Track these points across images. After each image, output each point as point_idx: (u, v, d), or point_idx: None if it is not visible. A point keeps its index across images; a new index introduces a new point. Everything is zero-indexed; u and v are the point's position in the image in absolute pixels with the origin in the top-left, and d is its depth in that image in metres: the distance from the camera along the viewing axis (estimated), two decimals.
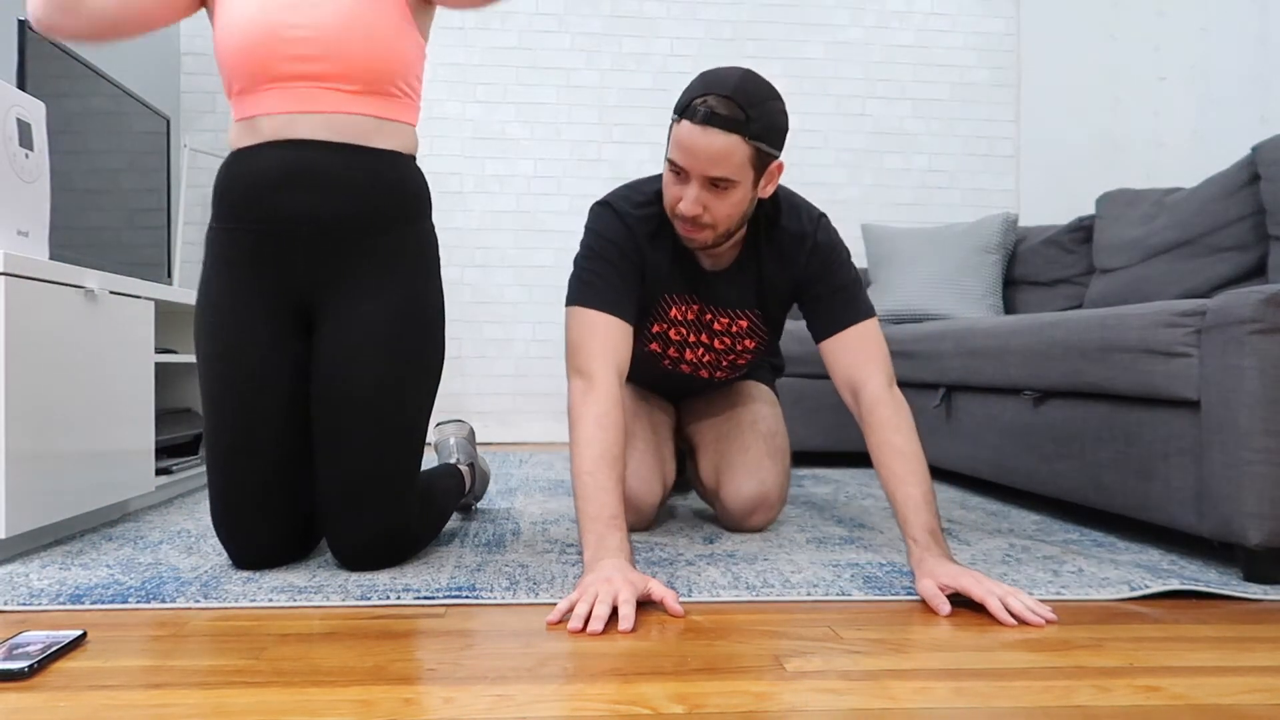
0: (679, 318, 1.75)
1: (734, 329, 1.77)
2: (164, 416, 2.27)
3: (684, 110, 1.43)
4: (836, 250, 1.64)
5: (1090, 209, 3.06)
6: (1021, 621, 1.20)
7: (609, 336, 1.50)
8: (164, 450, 2.20)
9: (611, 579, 1.21)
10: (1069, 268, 2.98)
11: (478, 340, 3.85)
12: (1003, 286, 3.21)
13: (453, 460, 1.93)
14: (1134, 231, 2.62)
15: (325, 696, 0.92)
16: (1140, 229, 2.60)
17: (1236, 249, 2.28)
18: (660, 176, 1.59)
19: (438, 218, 3.84)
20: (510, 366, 3.87)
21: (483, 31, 3.88)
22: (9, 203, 1.59)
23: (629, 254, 1.59)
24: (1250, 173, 2.26)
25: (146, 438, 1.95)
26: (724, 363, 1.84)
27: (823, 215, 1.67)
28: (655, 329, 1.78)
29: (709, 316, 1.75)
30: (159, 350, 2.14)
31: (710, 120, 1.40)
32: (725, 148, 1.41)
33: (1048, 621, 1.21)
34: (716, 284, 1.70)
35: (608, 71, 3.90)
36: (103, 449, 1.75)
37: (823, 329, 1.61)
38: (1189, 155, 3.10)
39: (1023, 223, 3.69)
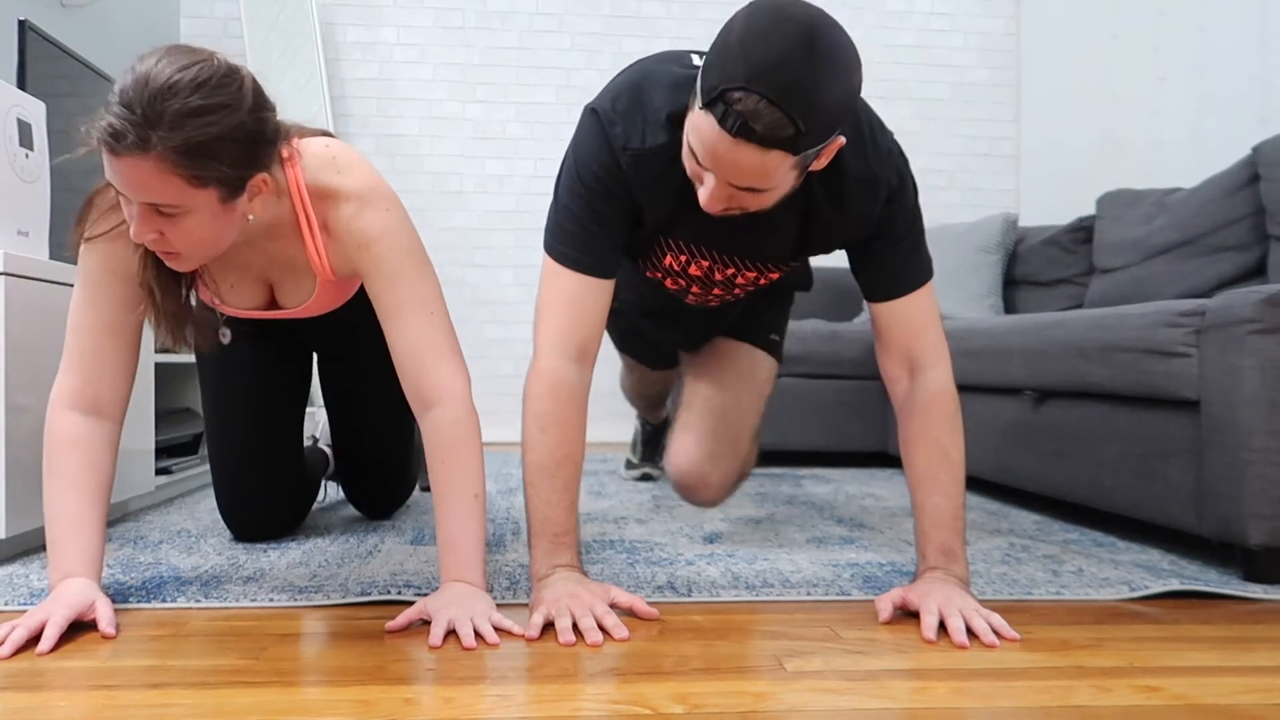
0: (674, 267, 1.43)
1: (761, 281, 1.47)
2: (164, 416, 2.27)
3: (710, 101, 1.04)
4: (909, 192, 1.31)
5: (1090, 209, 3.05)
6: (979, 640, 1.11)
7: (569, 305, 1.27)
8: (164, 450, 2.20)
9: (577, 595, 1.16)
10: (1069, 268, 2.98)
11: (478, 340, 3.85)
12: (1003, 286, 3.21)
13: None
14: (1134, 231, 2.62)
15: (325, 696, 0.92)
16: (1140, 229, 2.60)
17: (1236, 249, 2.28)
18: (694, 78, 1.12)
19: (438, 217, 3.84)
20: (510, 366, 3.86)
21: (483, 31, 3.88)
22: (9, 203, 1.59)
23: (614, 193, 1.27)
24: (1250, 173, 2.26)
25: (146, 438, 1.95)
26: (738, 292, 1.53)
27: (893, 143, 1.31)
28: (649, 274, 1.49)
29: (730, 271, 1.42)
30: (159, 350, 2.14)
31: (743, 134, 1.03)
32: (760, 166, 1.06)
33: (1009, 639, 1.12)
34: (744, 233, 1.31)
35: (608, 71, 3.90)
36: None
37: (881, 288, 1.33)
38: (1189, 155, 3.10)
39: (1023, 223, 3.68)
